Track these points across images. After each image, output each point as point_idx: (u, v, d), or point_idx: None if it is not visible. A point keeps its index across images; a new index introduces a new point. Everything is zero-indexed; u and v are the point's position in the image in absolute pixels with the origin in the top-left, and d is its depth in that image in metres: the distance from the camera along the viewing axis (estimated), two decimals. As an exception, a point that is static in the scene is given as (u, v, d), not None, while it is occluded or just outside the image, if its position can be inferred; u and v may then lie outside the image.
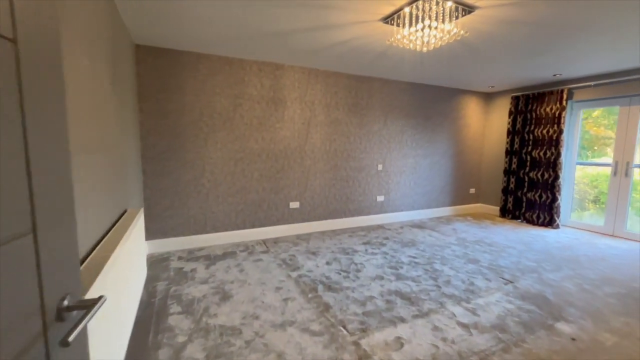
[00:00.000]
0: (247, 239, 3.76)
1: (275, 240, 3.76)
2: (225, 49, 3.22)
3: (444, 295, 2.43)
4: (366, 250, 3.46)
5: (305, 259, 3.16)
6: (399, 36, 2.34)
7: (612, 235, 4.17)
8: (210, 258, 3.16)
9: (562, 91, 4.36)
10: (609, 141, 4.52)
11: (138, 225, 2.19)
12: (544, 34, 2.67)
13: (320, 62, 3.69)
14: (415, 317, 2.12)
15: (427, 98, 4.88)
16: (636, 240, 3.94)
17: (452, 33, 2.18)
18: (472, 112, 5.41)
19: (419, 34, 2.19)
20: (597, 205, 4.67)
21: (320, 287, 2.54)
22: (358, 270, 2.89)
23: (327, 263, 3.06)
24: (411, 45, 2.37)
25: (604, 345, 1.87)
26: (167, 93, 3.22)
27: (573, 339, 1.92)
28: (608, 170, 4.38)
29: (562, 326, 2.05)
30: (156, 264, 3.00)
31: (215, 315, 2.12)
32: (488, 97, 5.53)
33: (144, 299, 2.31)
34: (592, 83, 4.13)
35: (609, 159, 4.44)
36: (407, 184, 4.89)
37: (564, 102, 4.35)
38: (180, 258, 3.15)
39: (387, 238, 3.93)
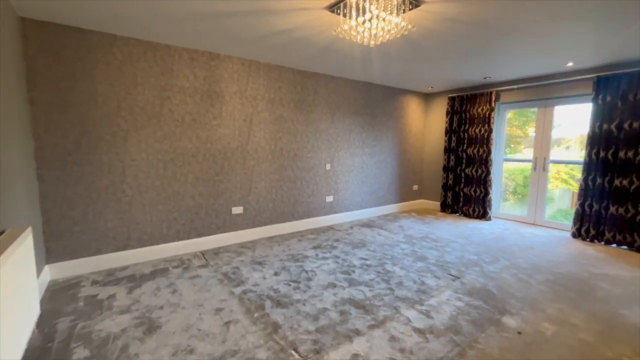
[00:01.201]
0: (183, 252, 3.29)
1: (216, 251, 3.36)
2: (146, 32, 2.73)
3: (398, 299, 2.35)
4: (317, 255, 3.28)
5: (250, 271, 2.85)
6: (345, 27, 2.18)
7: (534, 224, 4.64)
8: (135, 279, 2.66)
9: (491, 93, 4.71)
10: (519, 139, 5.12)
11: (21, 249, 1.67)
12: (480, 36, 2.76)
13: (261, 54, 3.38)
14: (372, 327, 1.99)
15: (372, 96, 4.89)
16: (553, 228, 4.43)
17: (400, 27, 2.08)
18: (413, 112, 5.60)
19: (367, 24, 2.06)
20: (515, 196, 5.31)
21: (267, 304, 2.27)
22: (309, 279, 2.68)
23: (275, 273, 2.80)
24: (358, 37, 2.23)
25: (545, 335, 1.94)
26: (71, 81, 2.62)
27: (519, 333, 1.96)
28: (523, 165, 4.95)
29: (507, 320, 2.10)
30: (60, 293, 2.41)
31: (136, 355, 1.71)
32: (427, 97, 5.78)
33: (36, 344, 1.79)
34: (515, 86, 4.52)
35: (521, 155, 5.03)
36: (355, 183, 4.84)
37: (493, 104, 4.70)
38: (95, 282, 2.60)
39: (337, 240, 3.80)
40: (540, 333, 1.97)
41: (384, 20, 2.02)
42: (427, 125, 5.84)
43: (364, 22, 2.07)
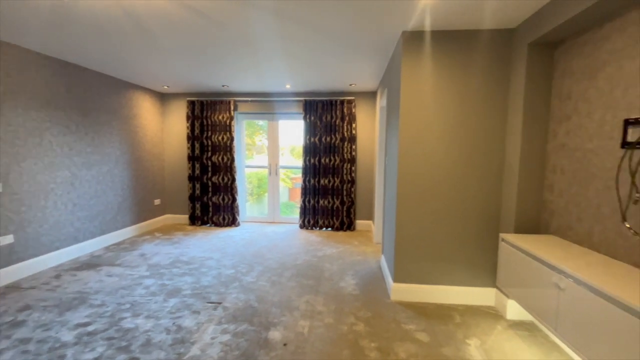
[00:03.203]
0: None
1: None
2: None
3: (146, 371, 1.68)
4: (-27, 354, 1.79)
5: None
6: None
7: (273, 222, 5.29)
8: None
9: (229, 102, 4.82)
10: (249, 147, 5.80)
11: None
12: (217, 37, 2.58)
13: None
14: None
15: (84, 86, 3.51)
16: (287, 223, 5.24)
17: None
18: (147, 112, 4.69)
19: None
20: (253, 197, 5.95)
21: None
22: (-56, 422, 1.35)
23: None
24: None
25: (304, 335, 2.05)
26: None
27: (285, 345, 1.95)
28: (256, 170, 5.61)
29: (273, 334, 2.05)
30: None
31: None
32: (164, 97, 5.05)
33: None
34: (249, 99, 4.89)
35: (253, 161, 5.70)
36: (62, 208, 3.29)
37: (232, 112, 4.84)
38: None
39: (26, 308, 2.33)
40: (300, 334, 2.06)
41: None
42: (166, 130, 5.12)
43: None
